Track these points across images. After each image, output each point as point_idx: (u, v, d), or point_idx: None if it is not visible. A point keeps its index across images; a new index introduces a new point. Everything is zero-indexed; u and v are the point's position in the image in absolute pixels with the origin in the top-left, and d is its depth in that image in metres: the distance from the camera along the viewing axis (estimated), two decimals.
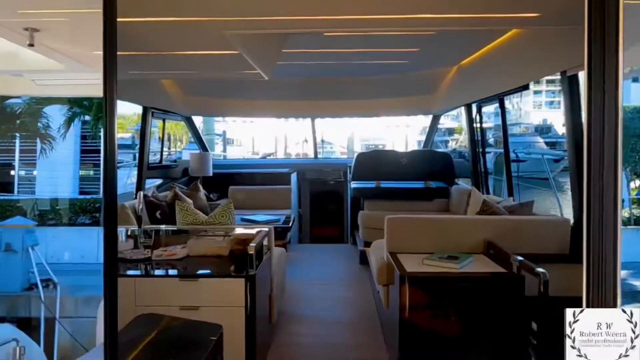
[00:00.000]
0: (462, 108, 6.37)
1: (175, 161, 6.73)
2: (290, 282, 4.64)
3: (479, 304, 2.92)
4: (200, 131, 8.37)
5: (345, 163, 7.59)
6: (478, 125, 5.51)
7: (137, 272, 3.03)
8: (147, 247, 3.47)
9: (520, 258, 2.82)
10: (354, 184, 6.12)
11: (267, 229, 3.56)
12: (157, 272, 3.09)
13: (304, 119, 7.75)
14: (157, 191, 5.25)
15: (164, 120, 6.23)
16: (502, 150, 7.68)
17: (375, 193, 5.96)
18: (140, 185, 5.57)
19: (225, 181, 7.06)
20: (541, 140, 25.16)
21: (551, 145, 27.12)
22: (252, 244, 2.99)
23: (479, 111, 5.36)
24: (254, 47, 2.89)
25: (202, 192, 6.04)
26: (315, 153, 7.98)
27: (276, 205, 6.67)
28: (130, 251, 3.34)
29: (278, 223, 5.17)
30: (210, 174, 6.73)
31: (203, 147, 7.39)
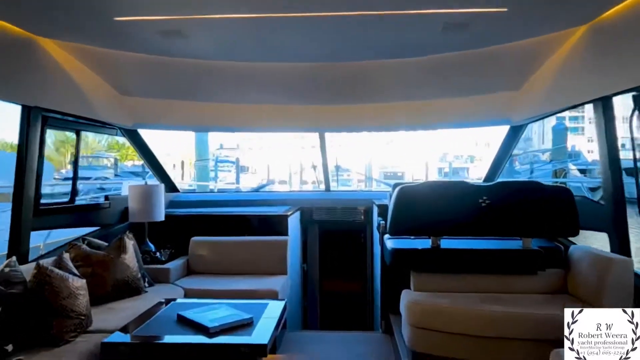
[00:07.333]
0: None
1: (106, 198, 4.09)
2: None
3: None
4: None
5: (369, 198, 4.90)
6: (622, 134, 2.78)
7: None
8: None
9: None
10: (391, 242, 3.31)
11: None
12: None
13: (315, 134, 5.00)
14: (13, 264, 2.58)
15: (77, 133, 3.64)
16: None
17: (431, 260, 3.15)
18: (18, 243, 2.95)
19: (193, 225, 4.38)
20: (574, 167, 22.41)
21: (581, 172, 24.30)
22: None
23: (639, 108, 2.61)
24: None
25: (130, 254, 3.36)
26: (327, 184, 5.29)
27: (264, 267, 3.98)
28: None
29: (250, 330, 2.43)
30: (162, 219, 4.07)
31: (162, 178, 4.78)
